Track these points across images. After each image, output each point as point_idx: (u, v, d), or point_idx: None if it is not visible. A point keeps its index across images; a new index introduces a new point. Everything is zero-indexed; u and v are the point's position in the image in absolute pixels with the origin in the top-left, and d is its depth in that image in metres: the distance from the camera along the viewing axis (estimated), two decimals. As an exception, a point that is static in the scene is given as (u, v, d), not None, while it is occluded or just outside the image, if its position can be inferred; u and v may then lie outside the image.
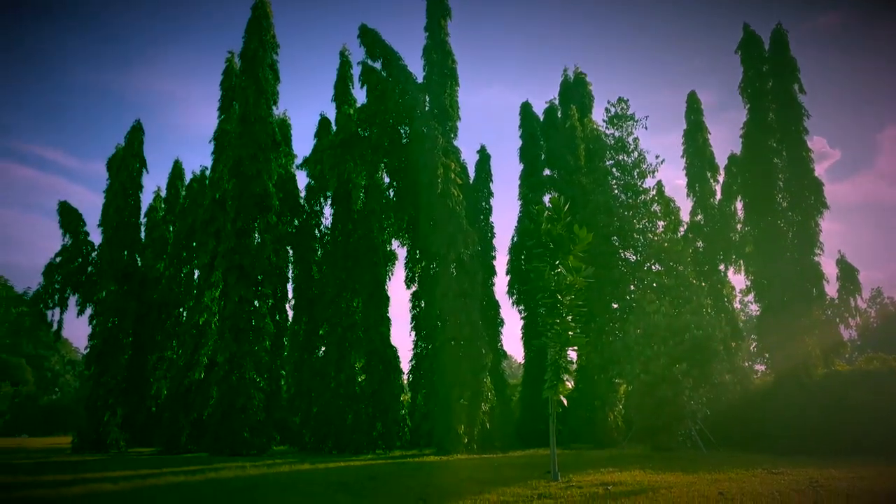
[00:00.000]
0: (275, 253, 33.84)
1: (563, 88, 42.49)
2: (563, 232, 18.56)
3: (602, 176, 35.55)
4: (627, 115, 34.86)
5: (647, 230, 34.21)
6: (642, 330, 27.98)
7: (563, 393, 17.26)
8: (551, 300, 18.10)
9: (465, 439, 29.54)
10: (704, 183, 38.31)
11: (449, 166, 31.87)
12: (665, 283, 31.60)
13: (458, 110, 34.55)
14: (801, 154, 31.52)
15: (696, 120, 39.22)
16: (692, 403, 26.16)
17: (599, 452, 28.19)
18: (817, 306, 30.55)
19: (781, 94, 32.19)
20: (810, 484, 14.63)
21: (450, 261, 31.31)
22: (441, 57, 34.05)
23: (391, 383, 32.81)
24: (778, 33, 32.85)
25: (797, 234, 31.27)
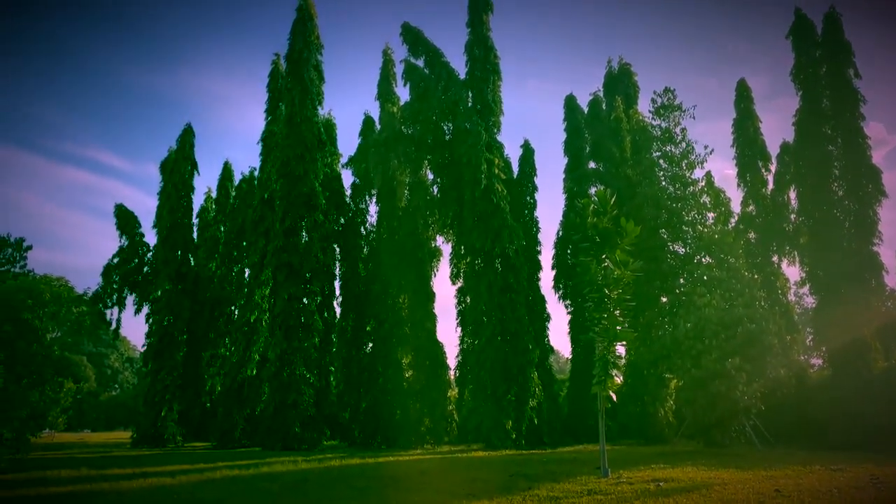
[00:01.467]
0: (322, 251, 34.35)
1: (608, 80, 41.97)
2: (609, 225, 18.34)
3: (649, 168, 34.94)
4: (674, 105, 34.15)
5: (697, 222, 33.47)
6: (693, 324, 27.43)
7: (611, 388, 17.08)
8: (598, 294, 17.92)
9: (513, 434, 29.52)
10: (756, 172, 37.33)
11: (492, 161, 31.82)
12: (716, 275, 30.88)
13: (500, 105, 34.43)
14: (858, 141, 30.46)
15: (746, 108, 38.21)
16: (746, 399, 25.55)
17: (650, 448, 27.82)
18: (876, 297, 29.54)
19: (835, 79, 31.16)
20: (871, 480, 14.19)
21: (494, 256, 31.31)
22: (483, 52, 33.98)
23: (438, 379, 32.99)
24: (831, 17, 31.78)
25: (854, 223, 30.26)
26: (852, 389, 27.83)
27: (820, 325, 31.13)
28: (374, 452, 27.47)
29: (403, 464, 20.82)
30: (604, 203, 18.91)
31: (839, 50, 31.37)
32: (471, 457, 23.97)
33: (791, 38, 32.79)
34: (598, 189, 36.84)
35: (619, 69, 41.89)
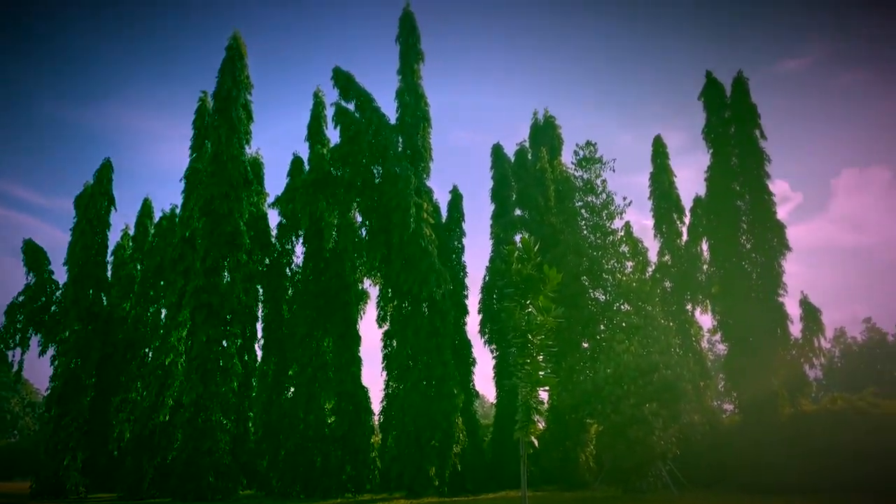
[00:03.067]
0: (244, 292, 33.54)
1: (534, 131, 43.34)
2: (533, 272, 18.75)
3: (572, 217, 36.12)
4: (595, 158, 35.63)
5: (616, 270, 34.68)
6: (612, 370, 28.14)
7: (533, 434, 17.22)
8: (522, 340, 18.17)
9: (436, 482, 29.21)
10: (671, 224, 39.12)
11: (421, 206, 32.17)
12: (634, 322, 31.94)
13: (430, 151, 35.03)
14: (763, 197, 32.47)
15: (662, 163, 40.23)
16: (662, 444, 26.23)
17: (571, 494, 28.04)
18: (782, 346, 31.13)
19: (743, 139, 33.27)
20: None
21: (422, 300, 31.40)
22: (414, 99, 34.64)
23: (362, 425, 32.40)
24: (739, 81, 34.11)
25: (761, 275, 32.00)
26: (761, 435, 29.03)
27: (730, 371, 32.50)
28: (292, 502, 26.54)
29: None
30: (528, 250, 19.36)
31: (746, 111, 33.61)
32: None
33: (703, 98, 34.96)
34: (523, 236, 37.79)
35: (545, 121, 43.40)
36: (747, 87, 34.10)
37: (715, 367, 44.51)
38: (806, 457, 27.51)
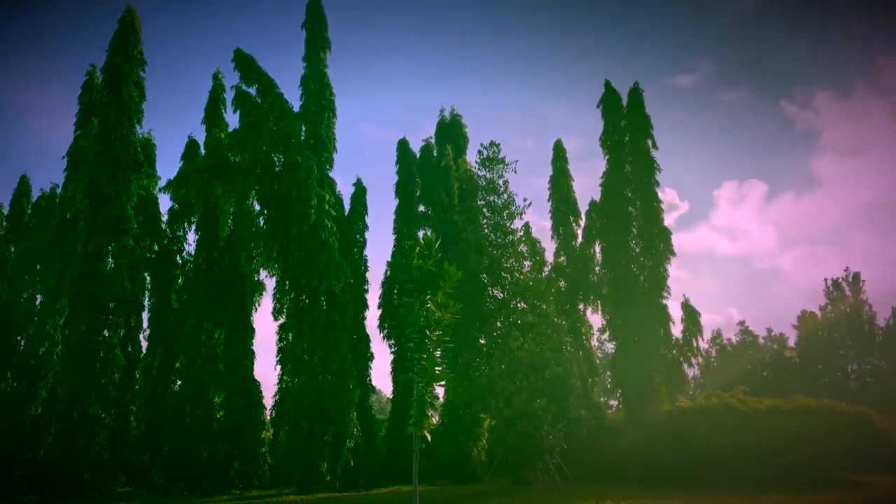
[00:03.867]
0: (130, 279, 31.74)
1: (440, 128, 43.57)
2: (433, 268, 18.87)
3: (474, 215, 36.64)
4: (498, 159, 36.29)
5: (514, 269, 35.48)
6: (506, 366, 28.81)
7: (427, 428, 17.34)
8: (419, 335, 18.24)
9: (327, 477, 28.86)
10: (567, 226, 40.48)
11: (323, 197, 31.60)
12: (529, 320, 32.81)
13: (334, 142, 34.42)
14: (653, 204, 34.17)
15: (561, 167, 41.54)
16: (551, 438, 27.13)
17: (462, 488, 28.48)
18: (664, 346, 32.93)
19: (636, 148, 34.86)
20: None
21: (320, 293, 30.87)
22: (319, 88, 33.93)
23: (252, 419, 31.51)
24: (635, 92, 35.69)
25: (648, 278, 33.68)
26: (642, 429, 30.60)
27: (616, 369, 34.07)
28: (174, 499, 25.47)
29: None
30: (429, 246, 19.44)
31: (640, 122, 35.24)
32: (281, 501, 23.04)
33: (601, 107, 36.34)
34: (425, 232, 37.95)
35: (451, 119, 43.72)
36: (642, 98, 35.74)
37: (603, 365, 46.47)
38: (682, 450, 29.28)
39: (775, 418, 29.76)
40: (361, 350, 36.23)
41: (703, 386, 64.80)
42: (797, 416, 29.87)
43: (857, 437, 29.73)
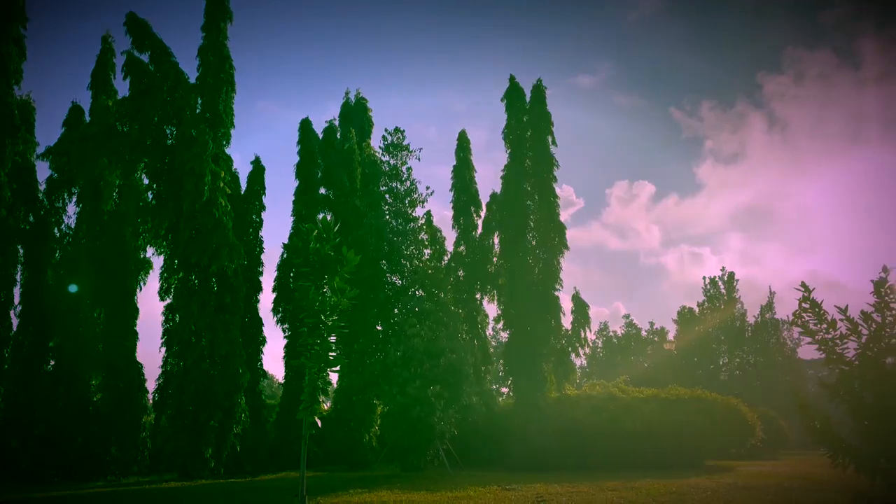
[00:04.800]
0: (1, 252, 29.40)
1: (344, 110, 42.90)
2: (331, 252, 18.59)
3: (376, 201, 36.36)
4: (403, 145, 36.16)
5: (414, 257, 35.58)
6: (402, 352, 28.94)
7: (317, 414, 17.12)
8: (314, 320, 17.91)
9: (212, 463, 28.01)
10: (468, 217, 40.98)
11: (218, 174, 30.40)
12: (427, 307, 33.05)
13: (232, 118, 33.07)
14: (550, 199, 35.15)
15: (465, 157, 41.94)
16: (442, 424, 27.52)
17: (353, 474, 28.40)
18: (555, 336, 34.07)
19: (537, 143, 35.69)
20: (536, 499, 16.14)
21: (211, 273, 29.78)
22: (218, 60, 32.45)
23: (133, 403, 30.08)
24: (538, 88, 36.46)
25: (542, 270, 34.66)
26: (530, 416, 31.58)
27: (509, 357, 34.93)
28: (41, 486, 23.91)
29: (66, 499, 18.42)
30: (328, 229, 19.10)
31: (542, 118, 36.05)
32: (159, 488, 22.14)
33: (505, 101, 36.92)
34: (324, 215, 37.31)
35: (356, 102, 43.14)
36: (545, 95, 36.56)
37: (496, 353, 47.54)
38: (567, 436, 30.53)
39: (652, 406, 31.55)
40: (253, 333, 35.31)
41: (590, 375, 67.77)
42: (672, 405, 31.81)
43: (724, 425, 32.03)
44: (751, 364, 69.63)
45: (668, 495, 17.02)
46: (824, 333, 10.99)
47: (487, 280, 39.24)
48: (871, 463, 10.28)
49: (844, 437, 10.80)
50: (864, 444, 10.54)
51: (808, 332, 11.13)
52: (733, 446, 34.78)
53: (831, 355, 10.95)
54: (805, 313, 11.11)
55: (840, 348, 10.88)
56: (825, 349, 11.01)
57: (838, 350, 10.88)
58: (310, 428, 17.55)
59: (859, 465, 10.36)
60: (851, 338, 10.78)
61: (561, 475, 24.31)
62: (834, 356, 10.92)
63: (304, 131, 40.59)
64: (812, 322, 11.05)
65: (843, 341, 10.85)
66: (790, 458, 39.52)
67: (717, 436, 31.97)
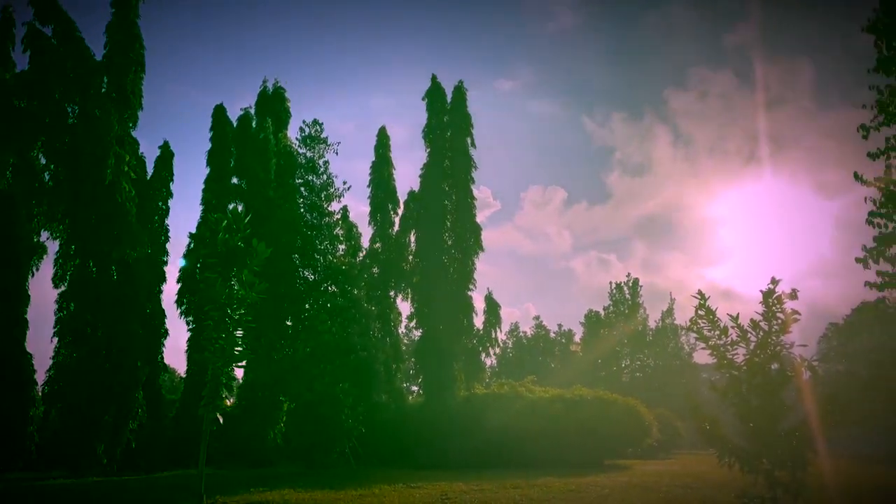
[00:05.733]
0: None
1: (261, 99, 41.66)
2: (241, 244, 18.07)
3: (291, 193, 35.58)
4: (320, 138, 35.53)
5: (329, 252, 35.08)
6: (311, 349, 28.51)
7: (219, 410, 16.60)
8: (219, 313, 17.39)
9: (104, 460, 26.68)
10: (385, 214, 40.79)
11: (123, 157, 28.98)
12: (339, 303, 32.67)
13: (141, 99, 31.52)
14: (467, 200, 35.57)
15: (384, 154, 41.72)
16: (350, 422, 27.28)
17: (256, 471, 27.72)
18: (466, 336, 34.49)
19: (457, 144, 36.02)
20: (441, 497, 16.26)
21: (112, 261, 28.37)
22: (127, 38, 30.83)
23: (19, 395, 28.20)
24: (458, 90, 36.81)
25: (457, 270, 35.03)
26: (439, 415, 31.81)
27: (421, 356, 35.08)
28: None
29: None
30: (238, 220, 18.57)
31: (462, 119, 36.42)
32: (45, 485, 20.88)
33: (426, 100, 37.03)
34: (235, 206, 36.23)
35: (274, 91, 41.99)
36: (465, 96, 36.97)
37: (408, 352, 47.59)
38: (474, 435, 30.86)
39: (557, 406, 32.38)
40: (155, 325, 33.93)
41: (499, 375, 68.84)
42: (576, 405, 32.74)
43: (624, 425, 33.29)
44: (651, 367, 72.85)
45: (567, 493, 17.53)
46: (717, 339, 11.59)
47: (402, 278, 39.18)
48: (754, 462, 10.91)
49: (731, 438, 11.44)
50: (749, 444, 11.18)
51: (703, 337, 11.70)
52: (631, 446, 36.22)
53: (722, 360, 11.56)
54: (700, 320, 11.67)
55: (731, 354, 11.49)
56: (717, 354, 11.60)
57: (729, 356, 11.49)
58: (211, 424, 17.00)
59: (744, 465, 10.98)
60: (741, 344, 11.41)
61: (467, 473, 24.57)
62: (725, 361, 11.52)
63: (217, 118, 39.25)
64: (706, 328, 11.62)
65: (734, 347, 11.47)
66: (683, 457, 41.58)
67: (616, 435, 33.17)
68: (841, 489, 16.81)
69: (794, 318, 11.15)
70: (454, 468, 27.35)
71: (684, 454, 45.39)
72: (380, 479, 21.58)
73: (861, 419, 37.74)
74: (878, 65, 19.01)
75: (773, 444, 10.87)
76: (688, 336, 70.98)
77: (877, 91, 19.07)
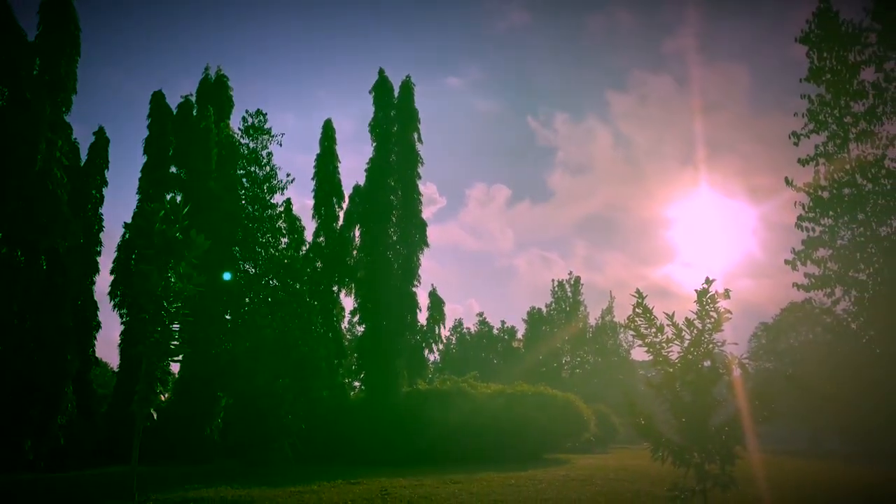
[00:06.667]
0: None
1: (202, 87, 40.48)
2: (179, 235, 17.62)
3: (232, 184, 34.85)
4: (264, 129, 34.94)
5: (270, 245, 34.52)
6: (251, 343, 27.99)
7: (154, 405, 16.17)
8: (155, 306, 16.94)
9: (30, 456, 25.60)
10: (330, 207, 40.21)
11: (55, 143, 27.83)
12: (280, 298, 32.19)
13: (75, 83, 30.27)
14: (413, 196, 35.51)
15: (329, 147, 41.10)
16: (290, 417, 26.92)
17: (192, 468, 27.00)
18: (410, 331, 34.45)
19: (403, 139, 35.91)
20: (381, 493, 16.22)
21: (41, 250, 27.19)
22: (61, 19, 29.55)
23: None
24: (406, 85, 36.69)
25: (402, 265, 34.94)
26: (380, 410, 31.69)
27: (363, 351, 34.86)
28: None
29: None
30: (176, 211, 18.13)
31: (409, 114, 36.32)
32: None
33: (373, 93, 36.76)
34: (174, 196, 35.26)
35: (216, 79, 40.87)
36: (413, 92, 36.86)
37: (351, 347, 47.22)
38: (416, 430, 30.87)
39: (499, 402, 32.72)
40: (86, 317, 32.68)
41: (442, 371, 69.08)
42: (517, 400, 33.15)
43: (563, 420, 33.90)
44: (590, 364, 74.39)
45: (506, 487, 17.73)
46: (653, 337, 11.92)
47: (346, 272, 38.75)
48: (685, 456, 11.28)
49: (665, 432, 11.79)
50: (681, 439, 11.55)
51: (640, 335, 12.02)
52: (570, 440, 36.92)
53: (658, 357, 11.91)
54: (638, 318, 11.99)
55: (666, 351, 11.84)
56: (653, 351, 11.95)
57: (664, 353, 11.84)
58: (145, 420, 16.57)
59: (676, 458, 11.34)
60: (676, 342, 11.77)
61: (408, 469, 24.58)
62: (660, 358, 11.87)
63: (155, 104, 37.99)
64: (643, 326, 11.95)
65: (669, 345, 11.82)
66: (619, 451, 42.63)
67: (555, 430, 33.75)
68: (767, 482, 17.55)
69: (726, 317, 11.55)
70: (396, 464, 27.30)
71: (620, 448, 46.54)
72: (319, 475, 21.37)
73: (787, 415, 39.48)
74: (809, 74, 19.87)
75: (703, 439, 11.24)
76: (626, 334, 72.78)
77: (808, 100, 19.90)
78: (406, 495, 15.70)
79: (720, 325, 11.54)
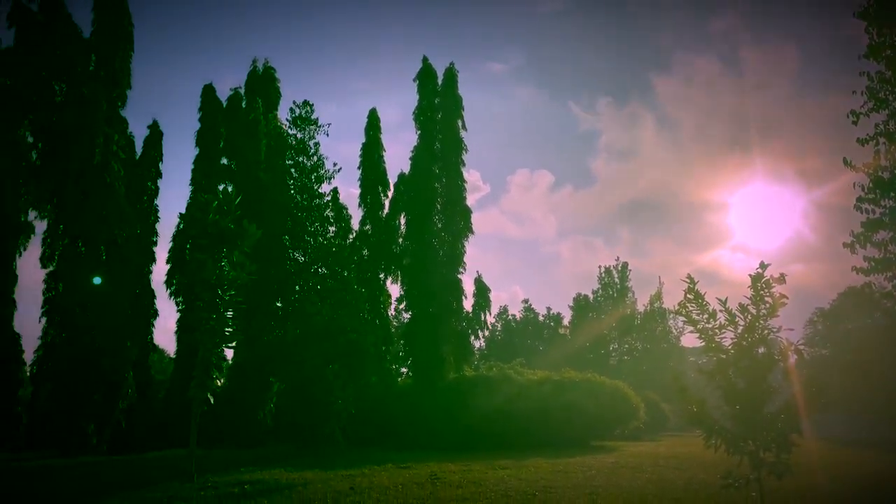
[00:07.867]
0: None
1: (251, 79, 41.27)
2: (231, 225, 18.05)
3: (281, 174, 35.40)
4: (311, 119, 35.30)
5: (319, 233, 34.97)
6: (302, 330, 28.51)
7: (210, 391, 16.68)
8: (210, 294, 17.43)
9: (94, 440, 26.72)
10: (375, 196, 40.60)
11: (112, 137, 28.78)
12: (329, 285, 32.64)
13: (130, 78, 31.25)
14: (457, 183, 35.51)
15: (375, 136, 41.44)
16: (339, 403, 27.39)
17: (247, 452, 27.84)
18: (456, 318, 34.59)
19: (447, 126, 35.88)
20: (430, 477, 16.42)
21: (100, 241, 28.22)
22: (115, 16, 30.46)
23: (7, 376, 28.10)
24: (450, 72, 36.60)
25: (447, 252, 35.06)
26: (427, 396, 32.00)
27: (409, 337, 35.18)
28: None
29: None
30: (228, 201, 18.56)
31: (453, 102, 36.26)
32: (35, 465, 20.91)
33: (417, 81, 36.80)
34: (225, 186, 36.06)
35: (264, 71, 41.61)
36: (456, 79, 36.77)
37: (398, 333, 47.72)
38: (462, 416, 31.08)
39: (546, 389, 32.65)
40: (144, 305, 33.77)
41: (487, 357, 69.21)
42: (564, 387, 33.01)
43: (611, 407, 33.64)
44: (639, 350, 73.40)
45: (555, 473, 17.74)
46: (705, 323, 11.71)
47: (392, 260, 39.13)
48: (739, 444, 11.09)
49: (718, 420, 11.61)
50: (735, 426, 11.35)
51: (691, 321, 11.82)
52: (618, 427, 36.63)
53: (710, 344, 11.69)
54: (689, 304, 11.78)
55: (718, 337, 11.62)
56: (705, 338, 11.73)
57: (717, 339, 11.62)
58: (201, 405, 17.10)
59: (729, 446, 11.15)
60: (729, 328, 11.53)
61: (455, 454, 24.81)
62: (713, 344, 11.65)
63: (206, 98, 38.91)
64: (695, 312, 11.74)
65: (722, 331, 11.59)
66: (669, 439, 42.10)
67: (604, 417, 33.52)
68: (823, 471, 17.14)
69: (782, 302, 11.27)
70: (443, 449, 27.56)
71: (670, 436, 45.95)
72: (369, 459, 21.76)
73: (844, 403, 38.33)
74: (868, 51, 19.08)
75: (758, 427, 11.03)
76: (675, 320, 71.51)
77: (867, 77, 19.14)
78: (455, 480, 15.87)
79: (776, 310, 11.25)
